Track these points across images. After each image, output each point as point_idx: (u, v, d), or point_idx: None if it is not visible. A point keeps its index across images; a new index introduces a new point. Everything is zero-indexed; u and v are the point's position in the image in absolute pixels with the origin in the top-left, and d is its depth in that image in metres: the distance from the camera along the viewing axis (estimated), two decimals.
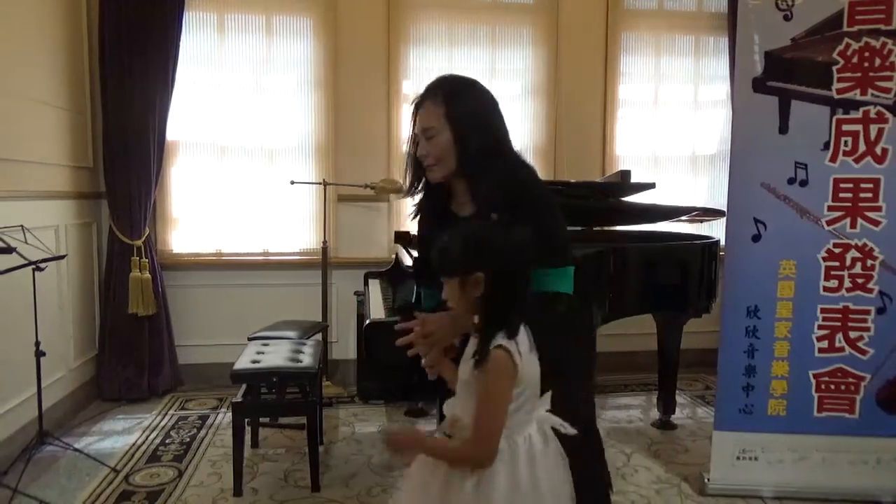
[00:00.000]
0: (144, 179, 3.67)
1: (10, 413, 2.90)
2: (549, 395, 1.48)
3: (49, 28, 3.32)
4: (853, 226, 2.53)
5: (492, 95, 1.77)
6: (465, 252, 1.38)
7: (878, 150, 2.49)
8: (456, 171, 1.73)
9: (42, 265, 2.63)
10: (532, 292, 1.47)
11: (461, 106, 1.70)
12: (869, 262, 2.54)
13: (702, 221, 4.00)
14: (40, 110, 3.23)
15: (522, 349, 1.38)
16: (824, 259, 2.56)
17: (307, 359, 2.84)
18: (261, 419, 3.15)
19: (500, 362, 1.34)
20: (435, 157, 1.71)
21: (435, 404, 2.87)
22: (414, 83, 4.20)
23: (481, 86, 1.77)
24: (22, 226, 2.66)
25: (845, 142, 2.51)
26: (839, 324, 2.57)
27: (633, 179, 2.84)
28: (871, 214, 2.52)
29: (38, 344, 2.72)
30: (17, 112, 3.01)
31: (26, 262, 2.55)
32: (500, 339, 1.35)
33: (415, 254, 2.47)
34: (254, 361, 2.79)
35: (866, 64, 2.47)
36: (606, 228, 3.84)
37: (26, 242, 2.63)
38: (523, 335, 1.40)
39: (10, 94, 2.94)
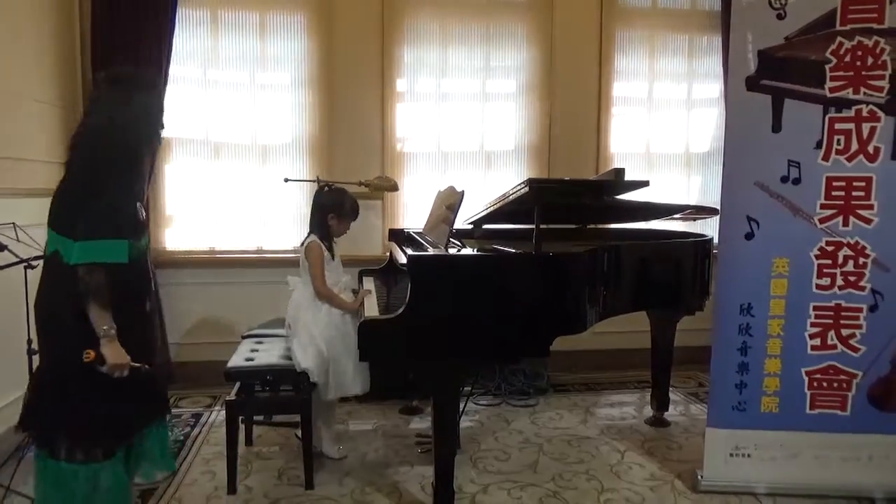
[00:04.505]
0: None
1: (1, 411, 2.88)
2: None
3: (41, 25, 3.30)
4: (846, 224, 2.55)
5: None
6: None
7: (871, 149, 2.50)
8: None
9: (34, 263, 2.61)
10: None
11: None
12: (861, 260, 2.55)
13: (695, 219, 4.01)
14: (31, 107, 3.21)
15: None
16: (817, 257, 2.58)
17: None
18: (255, 417, 3.14)
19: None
20: None
21: (429, 402, 2.87)
22: (408, 81, 4.19)
23: None
24: (13, 223, 2.64)
25: (838, 140, 2.52)
26: (831, 321, 2.59)
27: (627, 177, 2.84)
28: (863, 212, 2.53)
29: (30, 342, 2.69)
30: (7, 108, 2.98)
31: (18, 259, 2.53)
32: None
33: (409, 251, 2.47)
34: (248, 359, 2.80)
35: (859, 63, 2.48)
36: (600, 226, 3.85)
37: (18, 240, 2.61)
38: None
39: (1, 91, 2.92)
